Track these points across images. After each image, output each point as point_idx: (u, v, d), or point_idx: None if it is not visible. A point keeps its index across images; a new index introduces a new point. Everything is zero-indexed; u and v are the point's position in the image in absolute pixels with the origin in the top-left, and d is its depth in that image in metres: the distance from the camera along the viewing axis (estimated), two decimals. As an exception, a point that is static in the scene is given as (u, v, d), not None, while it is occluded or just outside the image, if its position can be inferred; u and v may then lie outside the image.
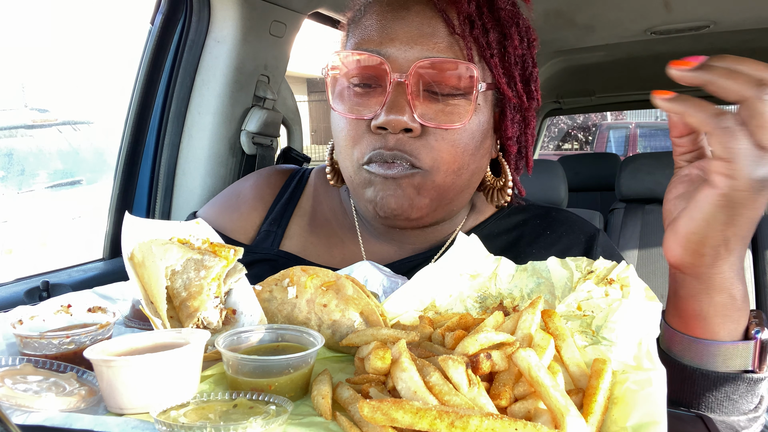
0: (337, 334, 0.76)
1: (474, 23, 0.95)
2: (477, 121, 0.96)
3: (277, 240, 1.15)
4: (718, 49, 2.89)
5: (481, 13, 0.96)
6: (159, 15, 1.79)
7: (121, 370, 0.58)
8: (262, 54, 1.92)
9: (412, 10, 0.95)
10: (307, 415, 0.59)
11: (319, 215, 1.18)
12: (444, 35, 0.94)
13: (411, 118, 0.91)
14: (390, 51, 0.93)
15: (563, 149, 18.32)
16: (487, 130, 1.00)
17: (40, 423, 0.55)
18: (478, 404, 0.53)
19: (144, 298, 0.75)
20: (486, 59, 0.96)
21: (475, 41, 0.95)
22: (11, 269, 1.84)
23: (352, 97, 0.96)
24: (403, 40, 0.93)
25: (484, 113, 0.98)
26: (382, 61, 0.92)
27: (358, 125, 0.96)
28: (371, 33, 0.96)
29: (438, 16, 0.94)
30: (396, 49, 0.93)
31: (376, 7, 0.98)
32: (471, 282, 0.81)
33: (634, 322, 0.67)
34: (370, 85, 0.95)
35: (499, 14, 0.98)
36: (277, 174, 1.26)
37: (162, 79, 1.82)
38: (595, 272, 0.74)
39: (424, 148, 0.93)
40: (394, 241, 1.11)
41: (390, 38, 0.93)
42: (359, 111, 0.95)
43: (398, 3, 0.96)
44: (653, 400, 0.56)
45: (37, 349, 0.71)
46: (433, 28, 0.94)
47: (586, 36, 2.65)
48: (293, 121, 2.19)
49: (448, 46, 0.93)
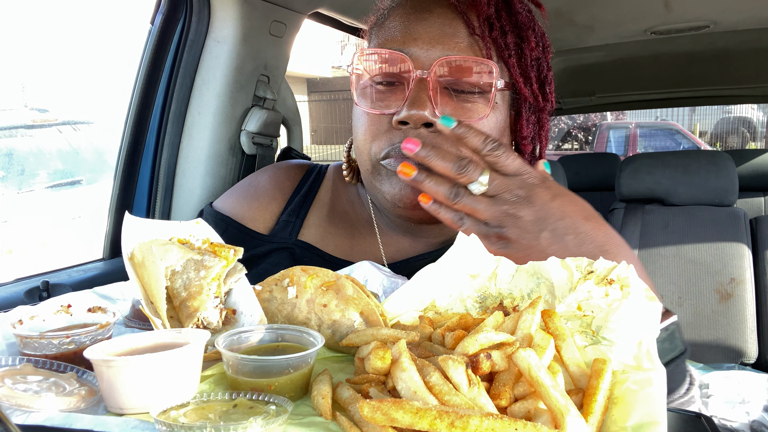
0: (337, 334, 0.76)
1: (493, 25, 0.99)
2: (494, 119, 1.00)
3: (296, 230, 1.18)
4: (718, 49, 2.89)
5: (500, 16, 1.01)
6: (159, 15, 1.79)
7: (121, 370, 0.58)
8: (262, 54, 1.92)
9: (434, 12, 0.99)
10: (307, 415, 0.59)
11: (338, 207, 1.21)
12: (464, 36, 0.98)
13: (432, 113, 0.94)
14: (412, 50, 0.97)
15: (563, 149, 18.31)
16: (503, 128, 1.03)
17: (40, 423, 0.55)
18: (478, 404, 0.53)
19: (144, 298, 0.75)
20: (504, 59, 1.00)
21: (494, 42, 0.99)
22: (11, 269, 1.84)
23: (375, 94, 1.01)
24: (425, 40, 0.97)
25: (501, 112, 1.02)
26: (405, 59, 0.96)
27: (379, 121, 1.00)
28: (395, 33, 1.00)
29: (459, 18, 0.98)
30: (418, 48, 0.97)
31: (399, 10, 1.03)
32: (471, 282, 0.81)
33: (634, 323, 0.67)
34: (393, 82, 0.99)
35: (516, 18, 1.02)
36: (296, 167, 1.30)
37: (162, 79, 1.82)
38: (595, 272, 0.74)
39: (445, 143, 0.96)
40: (410, 234, 1.13)
41: (413, 38, 0.98)
42: (381, 107, 0.99)
43: (421, 5, 1.01)
44: (653, 400, 0.56)
45: (37, 349, 0.71)
46: (454, 28, 0.98)
47: (586, 36, 2.65)
48: (293, 121, 2.19)
49: (468, 46, 0.98)
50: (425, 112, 0.93)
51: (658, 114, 17.64)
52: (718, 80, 3.72)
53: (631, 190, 2.92)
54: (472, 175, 0.83)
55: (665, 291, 2.56)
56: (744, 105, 15.93)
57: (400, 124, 0.96)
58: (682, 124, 15.15)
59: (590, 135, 16.78)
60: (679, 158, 2.88)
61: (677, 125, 13.51)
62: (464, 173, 0.83)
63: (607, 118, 16.56)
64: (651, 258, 2.67)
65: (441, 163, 0.84)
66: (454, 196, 0.85)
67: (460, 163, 0.83)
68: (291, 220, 1.19)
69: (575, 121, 18.48)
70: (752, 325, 2.48)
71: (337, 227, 1.19)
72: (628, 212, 2.88)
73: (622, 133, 12.73)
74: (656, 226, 2.75)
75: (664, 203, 2.87)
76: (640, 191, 2.90)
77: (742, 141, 17.90)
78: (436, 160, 0.84)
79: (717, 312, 2.51)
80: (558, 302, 0.73)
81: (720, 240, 2.61)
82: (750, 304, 2.49)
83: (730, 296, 2.52)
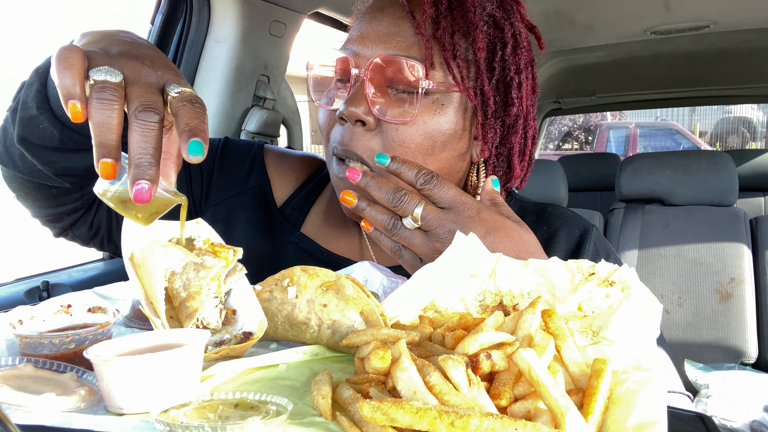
0: (337, 334, 0.76)
1: (439, 24, 0.97)
2: (436, 120, 0.98)
3: (299, 222, 1.20)
4: (718, 49, 2.90)
5: (450, 15, 0.98)
6: (159, 15, 1.79)
7: (120, 370, 0.58)
8: (262, 54, 1.92)
9: (386, 12, 1.00)
10: (307, 415, 0.59)
11: (334, 204, 1.21)
12: (409, 35, 0.97)
13: (366, 111, 0.95)
14: (358, 48, 0.99)
15: (563, 149, 18.33)
16: (454, 131, 1.00)
17: (40, 423, 0.55)
18: (478, 404, 0.53)
19: (143, 299, 0.75)
20: (447, 60, 0.97)
21: (438, 42, 0.97)
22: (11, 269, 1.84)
23: (331, 91, 1.04)
24: (371, 38, 0.98)
25: (448, 114, 0.99)
26: (347, 58, 0.99)
27: (330, 116, 1.03)
28: (352, 33, 1.03)
29: (406, 17, 0.98)
30: (363, 46, 0.98)
31: (362, 11, 1.05)
32: (470, 281, 0.81)
33: (634, 323, 0.67)
34: (342, 80, 1.02)
35: (467, 17, 0.98)
36: (317, 160, 1.32)
37: (162, 79, 1.82)
38: (597, 274, 0.74)
39: (378, 146, 0.97)
40: None
41: (362, 37, 0.99)
42: (330, 102, 1.03)
43: (376, 5, 1.02)
44: (653, 400, 0.56)
45: (37, 349, 0.71)
46: (399, 27, 0.98)
47: (586, 36, 2.65)
48: (293, 121, 2.19)
49: (410, 46, 0.97)
50: (358, 109, 0.94)
51: (658, 114, 17.65)
52: (718, 80, 3.73)
53: (631, 190, 2.92)
54: (407, 207, 0.84)
55: (665, 291, 2.56)
56: (744, 105, 15.93)
57: (341, 119, 0.98)
58: (682, 124, 15.16)
59: (590, 135, 16.79)
60: (679, 158, 2.88)
61: (677, 125, 13.52)
62: (399, 205, 0.84)
63: (607, 118, 16.56)
64: (651, 258, 2.67)
65: (378, 194, 0.84)
66: (392, 227, 0.86)
67: (396, 195, 0.83)
68: (294, 214, 1.20)
69: (575, 122, 18.49)
70: (752, 325, 2.48)
71: (330, 225, 1.19)
72: (628, 212, 2.88)
73: (622, 133, 12.74)
74: (656, 226, 2.75)
75: (664, 203, 2.88)
76: (640, 191, 2.90)
77: (742, 141, 17.91)
78: (375, 191, 0.85)
79: (717, 312, 2.51)
80: (559, 303, 0.73)
81: (720, 240, 2.62)
82: (750, 304, 2.50)
83: (730, 296, 2.52)
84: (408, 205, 0.83)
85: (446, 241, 0.83)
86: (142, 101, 0.66)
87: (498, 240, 0.85)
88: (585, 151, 16.51)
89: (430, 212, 0.84)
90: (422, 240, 0.85)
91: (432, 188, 0.84)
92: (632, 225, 2.80)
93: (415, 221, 0.84)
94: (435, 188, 0.84)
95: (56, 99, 0.87)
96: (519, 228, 0.88)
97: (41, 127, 0.88)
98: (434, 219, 0.84)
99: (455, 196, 0.85)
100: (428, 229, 0.85)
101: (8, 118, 0.94)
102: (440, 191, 0.84)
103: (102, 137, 0.64)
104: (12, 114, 0.92)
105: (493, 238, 0.85)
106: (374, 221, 0.87)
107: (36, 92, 0.88)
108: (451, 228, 0.84)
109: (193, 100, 0.69)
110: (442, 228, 0.84)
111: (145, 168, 0.64)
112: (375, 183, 0.84)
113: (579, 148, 18.59)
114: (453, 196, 0.85)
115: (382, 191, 0.84)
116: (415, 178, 0.84)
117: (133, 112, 0.65)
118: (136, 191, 0.63)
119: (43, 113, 0.88)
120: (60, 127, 0.89)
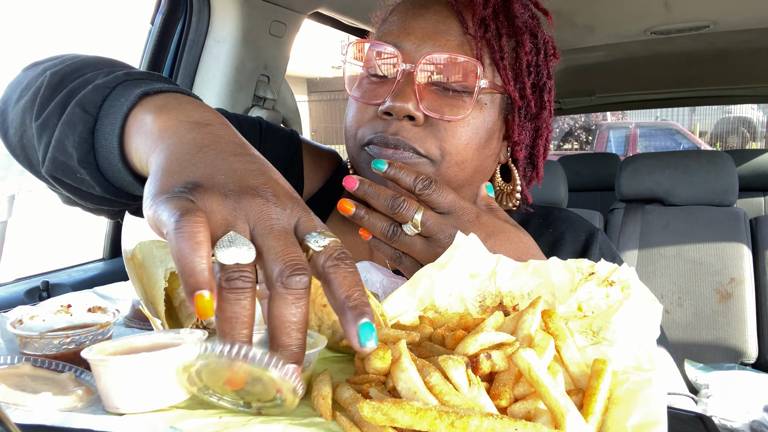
0: (337, 334, 0.76)
1: (488, 26, 1.00)
2: (481, 119, 1.00)
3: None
4: (718, 49, 2.89)
5: (497, 18, 1.01)
6: (159, 15, 1.79)
7: (117, 370, 0.58)
8: (262, 54, 1.92)
9: (431, 9, 1.00)
10: (308, 415, 0.59)
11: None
12: (457, 34, 0.98)
13: (415, 106, 0.95)
14: (404, 44, 0.98)
15: (563, 149, 18.33)
16: (493, 131, 1.03)
17: (39, 423, 0.55)
18: (478, 404, 0.53)
19: (143, 299, 0.75)
20: (495, 61, 1.00)
21: (487, 43, 0.99)
22: (11, 269, 1.84)
23: (366, 85, 1.02)
24: (417, 35, 0.98)
25: (490, 113, 1.01)
26: (395, 53, 0.97)
27: (366, 110, 1.01)
28: (392, 28, 1.02)
29: (454, 17, 0.99)
30: (410, 43, 0.98)
31: (401, 7, 1.05)
32: (471, 281, 0.81)
33: (634, 323, 0.67)
34: (385, 76, 1.01)
35: (514, 21, 1.02)
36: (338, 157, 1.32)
37: (162, 79, 1.82)
38: (596, 274, 0.74)
39: (428, 138, 0.97)
40: None
41: (406, 33, 0.99)
42: (370, 97, 1.00)
43: (420, 2, 1.02)
44: (653, 400, 0.56)
45: (37, 349, 0.71)
46: (447, 26, 0.99)
47: (586, 36, 2.65)
48: (293, 121, 2.19)
49: (460, 45, 0.98)
50: (408, 104, 0.94)
51: (658, 114, 17.66)
52: (718, 80, 3.73)
53: (631, 190, 2.92)
54: (407, 213, 0.83)
55: (665, 291, 2.56)
56: (744, 105, 15.94)
57: (385, 114, 0.97)
58: (682, 124, 15.17)
59: (590, 135, 16.79)
60: (679, 158, 2.88)
61: (677, 125, 13.52)
62: (398, 212, 0.83)
63: (607, 118, 16.56)
64: (651, 258, 2.67)
65: (377, 201, 0.83)
66: (392, 235, 0.85)
67: (394, 202, 0.83)
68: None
69: (576, 122, 18.50)
70: (752, 325, 2.48)
71: (335, 221, 1.19)
72: (628, 212, 2.88)
73: (622, 133, 12.74)
74: (656, 226, 2.75)
75: (664, 203, 2.88)
76: (640, 191, 2.90)
77: (742, 141, 17.92)
78: (373, 198, 0.84)
79: (717, 312, 2.51)
80: (559, 303, 0.73)
81: (720, 240, 2.62)
82: (750, 304, 2.50)
83: (730, 296, 2.52)
84: (407, 212, 0.83)
85: (447, 246, 0.82)
86: (286, 262, 0.51)
87: (498, 243, 0.85)
88: (585, 151, 16.52)
89: (430, 218, 0.84)
90: (423, 246, 0.85)
91: (431, 193, 0.84)
92: (632, 225, 2.80)
93: (415, 227, 0.84)
94: (434, 193, 0.84)
95: (105, 153, 0.70)
96: (518, 231, 0.89)
97: (79, 176, 0.74)
98: (434, 224, 0.84)
99: (454, 201, 0.85)
100: (429, 234, 0.84)
101: (26, 117, 0.78)
102: (439, 196, 0.84)
103: (235, 334, 0.50)
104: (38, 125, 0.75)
105: (494, 241, 0.85)
106: (373, 229, 0.86)
107: (80, 140, 0.71)
108: (451, 233, 0.83)
109: (343, 257, 0.54)
110: (443, 233, 0.84)
111: (295, 352, 0.53)
112: (373, 191, 0.84)
113: (579, 148, 18.60)
114: (452, 200, 0.85)
115: (381, 198, 0.83)
116: (414, 183, 0.84)
117: (278, 278, 0.50)
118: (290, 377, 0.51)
119: (86, 168, 0.72)
120: (105, 186, 0.74)
